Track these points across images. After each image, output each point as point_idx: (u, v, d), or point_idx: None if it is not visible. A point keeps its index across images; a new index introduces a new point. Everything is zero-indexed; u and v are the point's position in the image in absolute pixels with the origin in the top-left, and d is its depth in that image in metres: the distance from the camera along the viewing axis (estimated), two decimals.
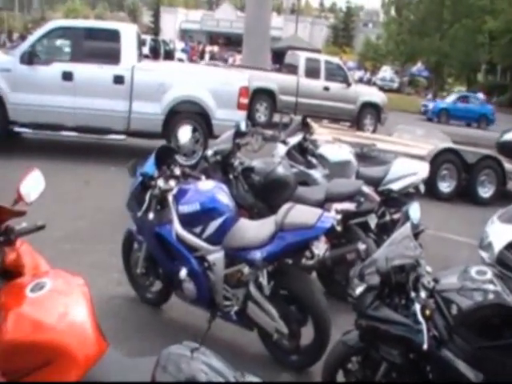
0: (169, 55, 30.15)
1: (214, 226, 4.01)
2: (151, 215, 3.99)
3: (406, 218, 3.53)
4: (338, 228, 4.41)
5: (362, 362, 3.45)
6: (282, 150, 6.38)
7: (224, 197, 4.17)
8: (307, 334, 4.01)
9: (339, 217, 4.28)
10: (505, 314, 3.05)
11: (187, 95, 9.27)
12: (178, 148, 4.71)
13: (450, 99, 30.07)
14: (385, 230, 6.10)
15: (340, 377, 3.51)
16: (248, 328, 4.14)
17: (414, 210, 3.56)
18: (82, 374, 2.08)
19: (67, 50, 9.64)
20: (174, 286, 4.32)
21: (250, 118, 10.38)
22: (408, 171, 6.44)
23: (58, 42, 10.23)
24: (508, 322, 3.05)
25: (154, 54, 26.96)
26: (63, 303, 2.26)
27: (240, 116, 9.11)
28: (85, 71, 9.02)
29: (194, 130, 8.80)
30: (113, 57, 9.14)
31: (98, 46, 9.36)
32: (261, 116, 14.17)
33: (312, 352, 4.03)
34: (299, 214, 3.94)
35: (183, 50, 39.37)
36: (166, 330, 4.33)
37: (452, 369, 3.06)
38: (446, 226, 8.04)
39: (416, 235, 3.45)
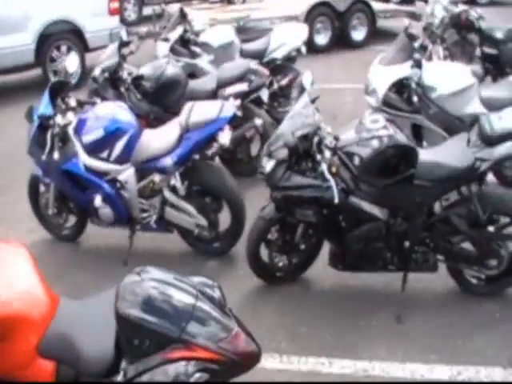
0: None
1: (119, 146, 4.03)
2: (56, 155, 3.95)
3: (302, 89, 3.75)
4: (239, 113, 4.60)
5: (281, 230, 3.80)
6: (164, 48, 6.35)
7: (125, 115, 4.19)
8: (224, 220, 4.26)
9: (238, 102, 4.46)
10: (400, 152, 3.47)
11: (54, 16, 8.56)
12: (67, 78, 4.59)
13: None
14: (275, 98, 6.43)
15: (263, 249, 3.84)
16: (168, 231, 4.31)
17: (307, 78, 3.77)
18: (42, 332, 2.25)
19: None
20: (90, 215, 4.36)
21: (120, 19, 9.93)
22: (288, 37, 6.69)
23: None
24: (403, 158, 3.49)
25: None
26: (6, 274, 2.36)
27: (113, 22, 8.75)
28: None
29: (69, 49, 8.43)
30: None
31: None
32: (130, 14, 13.52)
33: (231, 235, 4.28)
34: (201, 110, 4.07)
35: None
36: (91, 261, 4.41)
37: (361, 212, 3.52)
38: (329, 76, 8.40)
39: (313, 102, 3.69)
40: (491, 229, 3.59)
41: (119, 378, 2.14)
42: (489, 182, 3.71)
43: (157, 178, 4.11)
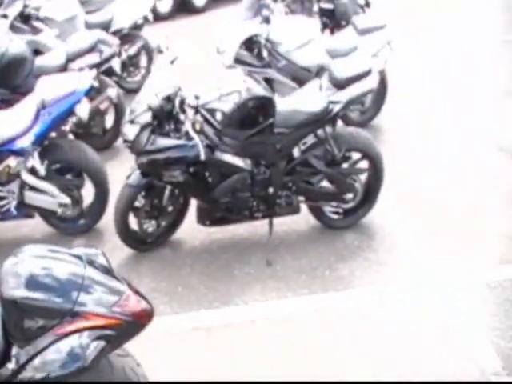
0: None
1: None
2: None
3: (159, 51, 3.79)
4: (96, 84, 4.54)
5: (147, 195, 3.85)
6: (3, 25, 6.00)
7: None
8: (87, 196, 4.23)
9: (94, 72, 4.39)
10: (259, 103, 3.66)
11: None
12: None
13: None
14: (124, 68, 6.39)
15: (131, 219, 3.86)
16: (29, 217, 4.16)
17: (163, 42, 3.80)
18: None
19: None
20: None
21: None
22: (133, 5, 6.64)
23: None
24: (263, 109, 3.69)
25: None
26: None
27: None
28: None
29: None
30: None
31: None
32: None
33: (96, 209, 4.23)
34: (56, 85, 3.99)
35: None
36: None
37: (226, 165, 3.69)
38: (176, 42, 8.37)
39: (171, 63, 3.74)
40: (346, 165, 3.94)
41: (11, 365, 2.06)
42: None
43: (13, 161, 3.90)
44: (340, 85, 3.92)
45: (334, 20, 6.92)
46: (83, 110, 4.03)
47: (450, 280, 3.57)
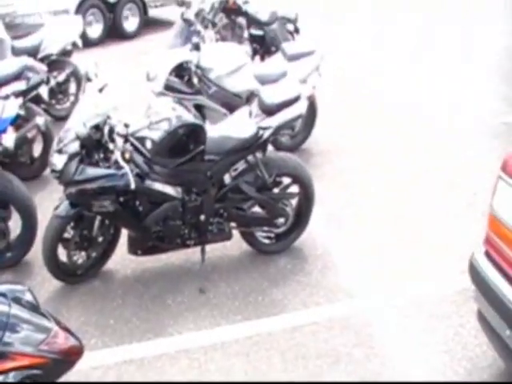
0: None
1: None
2: None
3: (88, 79, 3.74)
4: (22, 112, 4.44)
5: (76, 226, 3.77)
6: None
7: None
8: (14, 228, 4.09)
9: (20, 101, 4.29)
10: (189, 130, 3.67)
11: None
12: None
13: None
14: (53, 95, 6.29)
15: (60, 251, 3.77)
16: None
17: (91, 69, 3.76)
18: None
19: None
20: None
21: None
22: (62, 30, 6.57)
23: None
24: (193, 136, 3.70)
25: None
26: None
27: None
28: None
29: None
30: None
31: None
32: None
33: (24, 241, 4.10)
34: None
35: None
36: None
37: (156, 193, 3.67)
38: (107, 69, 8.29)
39: (100, 91, 3.71)
40: (277, 190, 4.00)
41: None
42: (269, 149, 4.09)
43: None
44: (269, 111, 3.99)
45: (264, 46, 7.09)
46: (9, 139, 3.95)
47: (382, 298, 3.66)
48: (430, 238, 4.25)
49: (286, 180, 4.05)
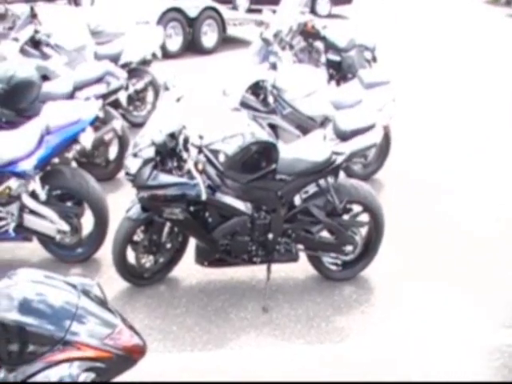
0: None
1: None
2: None
3: (166, 88, 3.79)
4: (101, 114, 4.54)
5: (146, 230, 3.81)
6: (13, 48, 6.04)
7: None
8: (86, 225, 4.16)
9: (100, 103, 4.38)
10: (262, 148, 3.66)
11: None
12: None
13: None
14: (130, 101, 6.42)
15: (129, 252, 3.81)
16: (27, 240, 4.11)
17: (170, 79, 3.82)
18: None
19: None
20: None
21: None
22: (143, 40, 6.71)
23: None
24: (265, 154, 3.68)
25: None
26: None
27: None
28: None
29: None
30: None
31: None
32: None
33: (95, 239, 4.17)
34: (62, 111, 3.98)
35: None
36: None
37: (226, 207, 3.66)
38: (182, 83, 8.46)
39: (178, 100, 3.75)
40: (346, 217, 3.91)
41: None
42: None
43: (14, 183, 3.88)
44: (344, 137, 3.94)
45: (340, 72, 7.07)
46: (87, 139, 4.02)
47: (449, 341, 3.53)
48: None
49: (357, 208, 3.97)
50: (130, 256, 3.84)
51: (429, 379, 3.20)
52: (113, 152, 5.41)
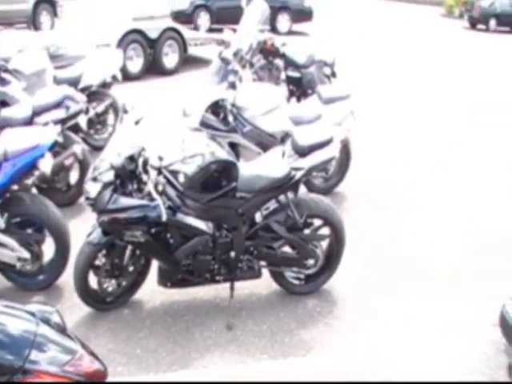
0: None
1: None
2: None
3: (125, 111, 3.80)
4: (60, 139, 4.53)
5: (108, 254, 3.78)
6: None
7: None
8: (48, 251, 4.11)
9: (58, 128, 4.37)
10: (222, 167, 3.69)
11: None
12: None
13: None
14: (91, 125, 6.41)
15: (91, 277, 3.78)
16: None
17: (128, 101, 3.83)
18: None
19: None
20: None
21: None
22: (103, 63, 6.73)
23: None
24: (225, 173, 3.72)
25: None
26: None
27: None
28: None
29: None
30: None
31: None
32: None
33: (56, 266, 4.12)
34: (20, 137, 3.97)
35: None
36: None
37: (187, 227, 3.68)
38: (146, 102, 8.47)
39: (136, 123, 3.75)
40: (307, 231, 3.96)
41: None
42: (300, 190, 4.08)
43: None
44: (302, 152, 4.01)
45: (300, 88, 7.17)
46: (46, 165, 3.99)
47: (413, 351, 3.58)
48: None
49: (317, 222, 4.02)
50: (93, 281, 3.80)
51: None
52: (74, 177, 5.38)
